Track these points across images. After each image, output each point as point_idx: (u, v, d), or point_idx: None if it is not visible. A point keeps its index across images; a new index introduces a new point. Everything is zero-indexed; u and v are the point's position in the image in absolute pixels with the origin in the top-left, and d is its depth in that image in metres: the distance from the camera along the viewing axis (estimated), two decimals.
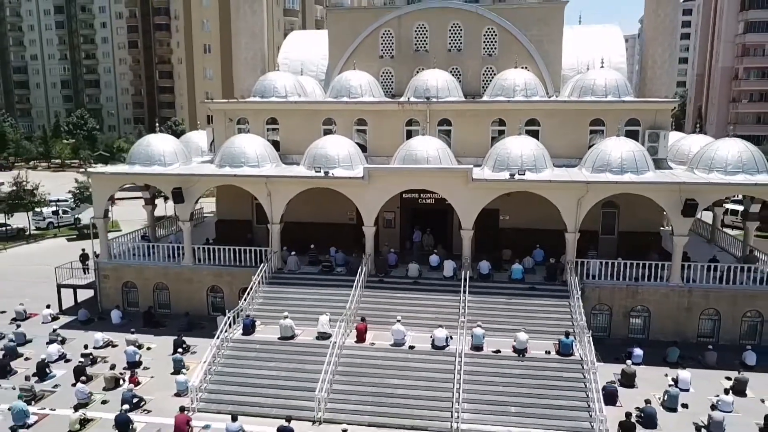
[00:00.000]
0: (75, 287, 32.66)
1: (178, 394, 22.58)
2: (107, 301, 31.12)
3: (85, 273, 33.66)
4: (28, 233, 51.13)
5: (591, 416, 20.34)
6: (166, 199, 41.22)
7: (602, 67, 32.79)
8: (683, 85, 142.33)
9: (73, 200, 54.46)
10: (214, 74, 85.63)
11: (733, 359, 24.97)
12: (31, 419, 20.66)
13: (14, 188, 49.12)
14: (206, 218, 42.90)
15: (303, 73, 39.21)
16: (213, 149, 34.21)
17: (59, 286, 32.10)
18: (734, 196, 53.19)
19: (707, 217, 37.79)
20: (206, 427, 20.50)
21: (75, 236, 51.28)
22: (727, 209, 53.96)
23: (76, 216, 55.14)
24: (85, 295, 33.27)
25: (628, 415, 19.76)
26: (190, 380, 22.61)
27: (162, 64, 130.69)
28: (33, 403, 21.82)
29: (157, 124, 43.67)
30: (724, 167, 26.92)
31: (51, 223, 54.00)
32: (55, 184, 73.42)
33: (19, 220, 52.40)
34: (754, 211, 29.59)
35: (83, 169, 33.59)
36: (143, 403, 21.80)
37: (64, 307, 32.18)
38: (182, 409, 20.17)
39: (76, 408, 20.94)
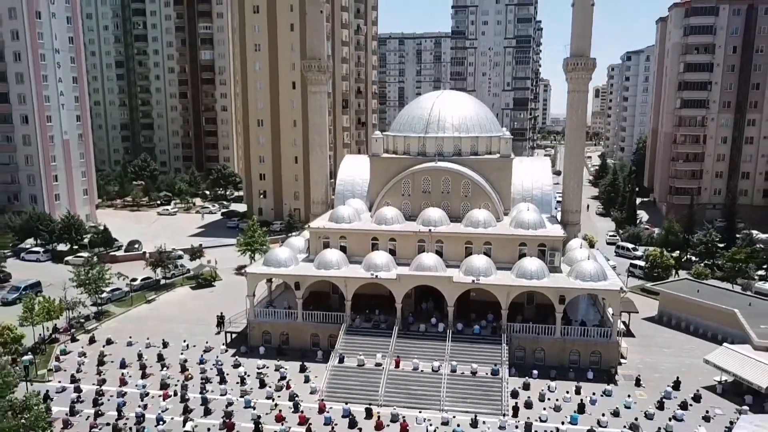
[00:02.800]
0: (232, 333, 58.08)
1: (312, 392, 47.81)
2: (253, 341, 56.42)
3: (219, 328, 58.72)
4: (163, 283, 76.35)
5: (503, 404, 45.49)
6: None
7: (528, 210, 57.94)
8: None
9: (190, 259, 79.94)
10: (265, 141, 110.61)
11: (583, 375, 50.08)
12: (251, 404, 45.90)
13: (159, 256, 74.53)
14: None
15: (354, 194, 64.74)
16: (308, 251, 59.64)
17: (226, 332, 57.61)
18: (643, 257, 79.00)
19: None
20: (330, 408, 45.69)
21: (194, 285, 76.69)
22: (635, 264, 79.41)
23: (189, 269, 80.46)
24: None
25: (517, 403, 44.97)
26: (317, 385, 47.99)
27: (207, 112, 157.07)
28: (248, 396, 47.00)
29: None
30: (583, 277, 52.07)
31: (173, 274, 79.28)
32: (144, 228, 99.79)
33: (149, 271, 77.16)
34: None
35: (244, 271, 57.64)
36: (298, 396, 47.02)
37: (227, 342, 57.59)
38: (321, 400, 45.57)
39: (272, 400, 46.34)
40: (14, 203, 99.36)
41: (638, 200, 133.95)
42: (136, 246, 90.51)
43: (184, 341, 56.84)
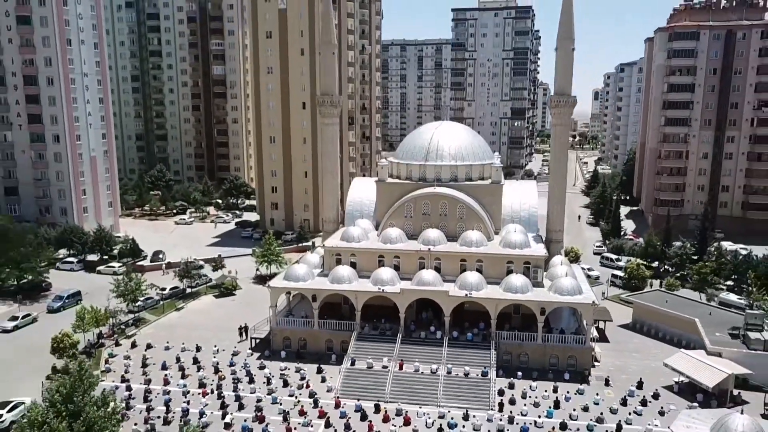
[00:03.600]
0: (256, 338, 66.35)
1: (328, 390, 56.05)
2: (275, 345, 64.67)
3: (241, 336, 67.04)
4: (189, 293, 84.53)
5: (490, 400, 53.72)
6: None
7: (515, 231, 66.15)
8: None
9: (212, 269, 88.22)
10: (276, 156, 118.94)
11: (561, 376, 58.26)
12: (277, 400, 54.07)
13: (185, 268, 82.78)
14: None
15: (362, 214, 72.99)
16: (323, 267, 67.88)
17: (251, 338, 65.90)
18: (622, 267, 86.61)
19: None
20: (345, 404, 53.91)
21: (217, 294, 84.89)
22: (616, 275, 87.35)
23: (210, 278, 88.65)
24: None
25: (502, 399, 53.18)
26: (332, 385, 56.25)
27: (219, 124, 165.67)
28: (274, 394, 55.18)
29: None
30: (561, 292, 60.29)
31: (197, 283, 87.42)
32: (163, 238, 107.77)
33: (176, 281, 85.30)
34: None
35: (267, 285, 66.29)
36: (317, 394, 55.24)
37: (252, 347, 65.84)
38: (336, 397, 53.84)
39: (295, 397, 54.61)
40: (46, 216, 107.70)
41: (628, 209, 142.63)
42: (161, 256, 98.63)
43: (215, 346, 65.03)
